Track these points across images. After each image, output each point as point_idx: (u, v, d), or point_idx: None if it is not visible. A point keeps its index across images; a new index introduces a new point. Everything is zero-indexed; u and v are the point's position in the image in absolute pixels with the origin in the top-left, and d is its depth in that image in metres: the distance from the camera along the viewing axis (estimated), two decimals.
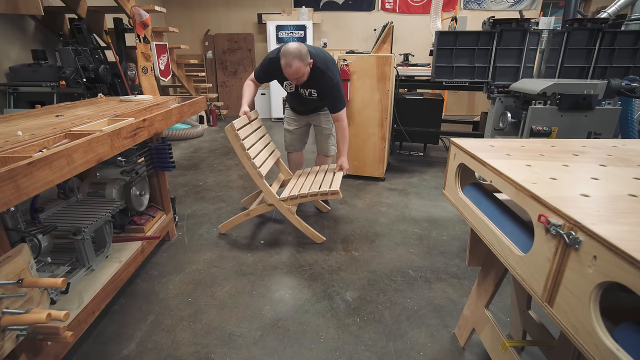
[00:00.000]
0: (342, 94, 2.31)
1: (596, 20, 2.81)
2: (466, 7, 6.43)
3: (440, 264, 2.06)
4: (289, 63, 2.05)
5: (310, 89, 2.30)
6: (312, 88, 2.29)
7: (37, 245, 1.34)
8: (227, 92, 6.85)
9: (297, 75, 2.10)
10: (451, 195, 1.26)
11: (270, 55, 2.27)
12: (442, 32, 3.07)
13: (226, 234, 2.38)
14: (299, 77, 2.12)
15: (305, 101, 2.45)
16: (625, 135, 2.82)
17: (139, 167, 1.97)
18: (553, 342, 1.18)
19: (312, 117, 2.59)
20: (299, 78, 2.13)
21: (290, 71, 2.08)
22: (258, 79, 2.37)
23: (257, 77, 2.37)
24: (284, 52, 2.06)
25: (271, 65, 2.25)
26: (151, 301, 1.75)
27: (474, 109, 6.82)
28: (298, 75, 2.10)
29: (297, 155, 2.76)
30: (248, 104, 2.32)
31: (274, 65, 2.21)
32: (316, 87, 2.27)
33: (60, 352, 1.27)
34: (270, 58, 2.26)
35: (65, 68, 3.25)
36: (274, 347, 1.47)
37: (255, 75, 2.37)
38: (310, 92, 2.32)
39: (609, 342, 0.59)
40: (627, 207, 0.71)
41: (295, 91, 2.37)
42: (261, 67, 2.33)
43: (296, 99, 2.48)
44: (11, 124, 1.52)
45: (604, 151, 1.11)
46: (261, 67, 2.33)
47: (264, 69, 2.32)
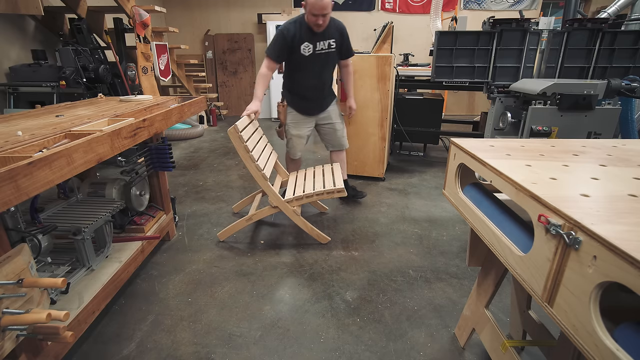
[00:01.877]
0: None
1: (596, 20, 2.81)
2: (466, 7, 6.43)
3: (440, 264, 2.06)
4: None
5: (329, 39, 2.34)
6: (330, 38, 2.34)
7: (37, 245, 1.34)
8: (227, 92, 6.85)
9: (327, 10, 2.14)
10: (451, 195, 1.26)
11: (280, 29, 2.26)
12: (442, 32, 3.07)
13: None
14: (326, 14, 2.17)
15: (321, 73, 2.44)
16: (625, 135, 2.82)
17: (139, 167, 1.97)
18: (553, 342, 1.18)
19: (322, 115, 2.58)
20: (325, 17, 2.17)
21: (323, 4, 2.11)
22: (276, 59, 2.31)
23: (275, 58, 2.30)
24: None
25: (287, 34, 2.23)
26: (151, 301, 1.75)
27: (474, 109, 6.82)
28: (328, 10, 2.15)
29: (299, 160, 2.76)
30: (260, 100, 2.32)
31: (289, 33, 2.22)
32: (334, 34, 2.35)
33: (60, 352, 1.27)
34: (281, 30, 2.25)
35: (65, 68, 3.25)
36: (274, 347, 1.47)
37: (272, 57, 2.30)
38: (329, 43, 2.35)
39: (609, 342, 0.59)
40: (627, 207, 0.71)
41: (313, 53, 2.34)
42: (274, 44, 2.29)
43: (310, 78, 2.44)
44: (11, 124, 1.52)
45: (604, 151, 1.11)
46: (274, 44, 2.29)
47: (279, 44, 2.27)
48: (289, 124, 2.56)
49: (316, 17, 2.17)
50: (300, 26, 2.26)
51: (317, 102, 2.55)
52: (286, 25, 2.25)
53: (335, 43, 2.38)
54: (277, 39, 2.27)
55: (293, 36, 2.24)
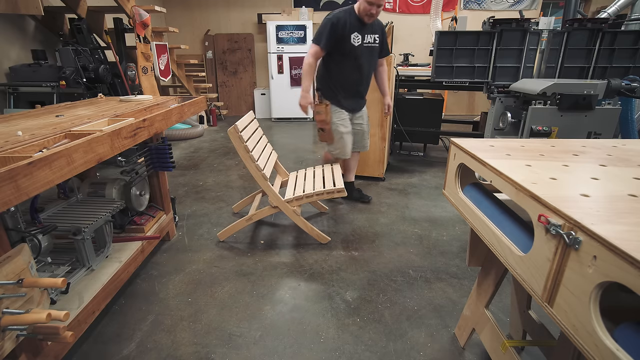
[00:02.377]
0: None
1: (596, 20, 2.81)
2: (466, 7, 6.43)
3: (440, 264, 2.06)
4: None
5: (374, 34, 2.37)
6: (375, 33, 2.37)
7: (37, 245, 1.34)
8: (227, 92, 6.85)
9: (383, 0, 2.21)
10: (451, 195, 1.26)
11: (328, 17, 2.23)
12: (442, 32, 3.07)
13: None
14: (381, 4, 2.21)
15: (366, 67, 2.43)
16: (625, 135, 2.82)
17: (139, 167, 1.97)
18: (553, 342, 1.18)
19: (358, 114, 2.61)
20: (379, 8, 2.21)
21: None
22: (325, 46, 2.24)
23: (323, 45, 2.23)
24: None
25: (337, 22, 2.20)
26: (151, 301, 1.75)
27: (474, 109, 6.82)
28: (383, 1, 2.22)
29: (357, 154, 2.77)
30: (309, 91, 2.28)
31: (339, 21, 2.20)
32: (377, 30, 2.39)
33: (60, 352, 1.27)
34: (330, 18, 2.22)
35: (65, 68, 3.25)
36: (274, 347, 1.47)
37: (320, 44, 2.23)
38: (374, 38, 2.39)
39: (609, 342, 0.59)
40: (627, 207, 0.71)
41: (361, 44, 2.33)
42: (324, 30, 2.23)
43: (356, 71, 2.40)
44: (11, 124, 1.52)
45: (604, 151, 1.11)
46: (324, 30, 2.23)
47: (329, 30, 2.21)
48: (336, 123, 2.46)
49: (371, 6, 2.18)
50: (350, 15, 2.25)
51: (358, 99, 2.57)
52: (335, 14, 2.23)
53: (378, 39, 2.41)
54: (327, 26, 2.22)
55: (344, 24, 2.21)
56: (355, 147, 2.69)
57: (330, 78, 2.44)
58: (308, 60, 2.26)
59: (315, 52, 2.25)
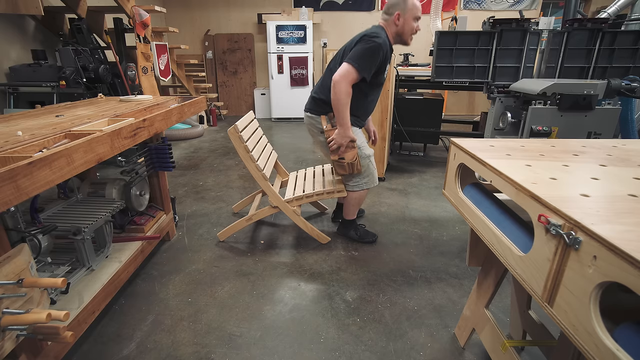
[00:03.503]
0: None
1: (596, 20, 2.81)
2: (466, 7, 6.43)
3: (440, 264, 2.06)
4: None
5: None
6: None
7: (37, 245, 1.34)
8: (227, 92, 6.85)
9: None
10: (451, 195, 1.26)
11: (375, 37, 1.82)
12: (442, 32, 3.07)
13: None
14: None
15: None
16: (625, 135, 2.82)
17: (139, 167, 1.97)
18: (553, 342, 1.18)
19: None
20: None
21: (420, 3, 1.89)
22: (368, 76, 1.85)
23: (367, 74, 1.84)
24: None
25: (386, 49, 1.85)
26: (151, 301, 1.75)
27: (474, 109, 6.82)
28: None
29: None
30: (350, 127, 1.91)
31: (386, 47, 1.86)
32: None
33: (60, 352, 1.27)
34: (380, 44, 1.81)
35: (65, 68, 3.25)
36: (274, 347, 1.47)
37: (364, 74, 1.83)
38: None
39: (609, 342, 0.59)
40: (627, 207, 0.71)
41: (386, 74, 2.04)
42: (372, 58, 1.82)
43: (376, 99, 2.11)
44: (11, 124, 1.52)
45: (604, 151, 1.11)
46: (372, 58, 1.82)
47: (377, 59, 1.83)
48: (361, 145, 2.04)
49: (417, 22, 1.91)
50: (388, 42, 1.91)
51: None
52: (381, 37, 1.84)
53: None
54: (375, 53, 1.82)
55: (387, 53, 1.87)
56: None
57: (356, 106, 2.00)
58: (346, 88, 1.81)
59: (354, 79, 1.83)
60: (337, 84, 1.81)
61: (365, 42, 1.83)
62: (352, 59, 1.82)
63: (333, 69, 1.96)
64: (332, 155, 1.99)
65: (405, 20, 1.89)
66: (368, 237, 2.28)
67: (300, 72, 6.02)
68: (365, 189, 2.13)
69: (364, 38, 1.85)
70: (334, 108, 1.88)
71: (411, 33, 1.95)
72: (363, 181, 2.11)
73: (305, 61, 5.96)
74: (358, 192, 2.13)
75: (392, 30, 1.94)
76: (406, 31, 1.93)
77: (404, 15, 1.88)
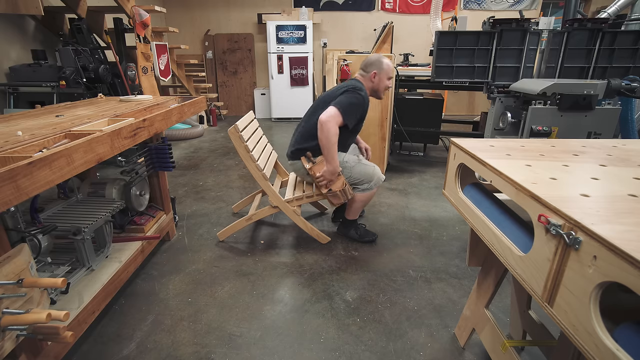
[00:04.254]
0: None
1: (596, 20, 2.81)
2: (466, 7, 6.43)
3: (440, 264, 2.06)
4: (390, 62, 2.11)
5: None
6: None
7: (37, 245, 1.34)
8: (227, 92, 6.85)
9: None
10: (451, 195, 1.26)
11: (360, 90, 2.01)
12: (442, 32, 3.07)
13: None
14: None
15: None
16: (625, 135, 2.82)
17: (139, 167, 1.97)
18: (553, 342, 1.18)
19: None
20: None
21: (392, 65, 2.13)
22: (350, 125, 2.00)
23: (350, 123, 1.99)
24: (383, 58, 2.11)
25: (366, 101, 2.07)
26: (151, 301, 1.75)
27: (474, 109, 6.82)
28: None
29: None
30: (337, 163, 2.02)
31: (367, 101, 2.08)
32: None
33: (60, 352, 1.27)
34: (363, 96, 2.01)
35: (65, 68, 3.25)
36: (274, 347, 1.47)
37: (346, 121, 1.96)
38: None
39: (609, 342, 0.59)
40: (627, 207, 0.71)
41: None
42: (355, 108, 2.00)
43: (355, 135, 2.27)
44: (11, 124, 1.52)
45: (604, 151, 1.11)
46: (355, 108, 2.00)
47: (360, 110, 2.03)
48: (348, 160, 2.12)
49: (390, 81, 2.12)
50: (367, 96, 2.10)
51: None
52: (364, 91, 2.05)
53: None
54: (359, 105, 2.00)
55: (367, 106, 2.07)
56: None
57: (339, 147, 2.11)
58: (334, 129, 1.93)
59: (339, 123, 1.95)
60: (326, 123, 1.91)
61: (352, 94, 1.99)
62: (339, 104, 1.95)
63: (310, 117, 2.11)
64: (322, 189, 2.07)
65: (380, 78, 2.10)
66: (368, 237, 2.29)
67: (300, 72, 6.02)
68: (373, 190, 2.15)
69: (350, 90, 2.01)
70: (323, 147, 1.97)
71: (385, 89, 2.15)
72: (367, 185, 2.12)
73: (305, 61, 5.96)
74: (365, 194, 2.15)
75: (368, 85, 2.13)
76: (380, 88, 2.14)
77: (379, 74, 2.09)
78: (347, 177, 2.10)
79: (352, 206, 2.22)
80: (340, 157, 2.10)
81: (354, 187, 2.15)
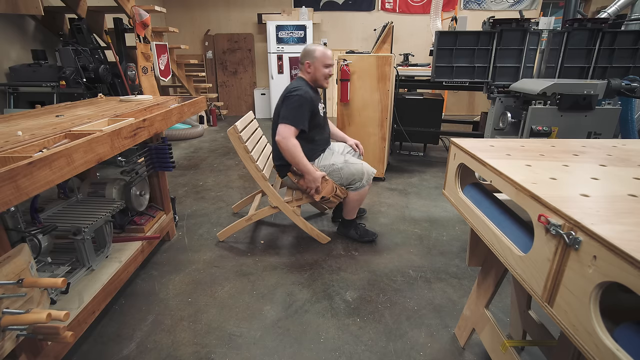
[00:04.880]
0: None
1: (596, 20, 2.81)
2: (466, 7, 6.43)
3: (440, 264, 2.06)
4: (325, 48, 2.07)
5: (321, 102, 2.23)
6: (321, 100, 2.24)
7: (37, 245, 1.34)
8: (227, 92, 6.85)
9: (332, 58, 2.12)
10: (451, 195, 1.26)
11: (294, 91, 1.99)
12: (442, 32, 3.07)
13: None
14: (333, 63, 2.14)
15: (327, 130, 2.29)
16: (625, 135, 2.82)
17: (139, 167, 1.97)
18: (553, 342, 1.18)
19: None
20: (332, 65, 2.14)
21: (329, 52, 2.08)
22: (304, 126, 2.00)
23: (303, 125, 1.99)
24: (316, 46, 2.09)
25: (308, 96, 2.00)
26: (151, 301, 1.75)
27: (474, 109, 6.82)
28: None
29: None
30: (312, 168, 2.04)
31: (308, 94, 2.00)
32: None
33: (60, 352, 1.27)
34: (300, 94, 1.97)
35: (65, 68, 3.25)
36: (274, 347, 1.47)
37: (299, 126, 1.98)
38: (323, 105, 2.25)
39: (609, 342, 0.59)
40: (627, 207, 0.71)
41: (325, 111, 2.22)
42: (299, 110, 1.97)
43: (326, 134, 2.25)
44: (11, 124, 1.52)
45: (604, 151, 1.11)
46: (299, 110, 1.97)
47: (305, 108, 1.99)
48: (335, 163, 2.13)
49: (329, 68, 2.09)
50: (309, 87, 2.08)
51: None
52: (301, 89, 2.00)
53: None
54: (301, 104, 1.97)
55: (312, 97, 2.02)
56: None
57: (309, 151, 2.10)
58: (292, 143, 1.96)
59: (293, 133, 1.98)
60: (282, 142, 1.98)
61: (288, 100, 2.01)
62: (284, 118, 2.00)
63: (274, 134, 2.10)
64: (315, 197, 2.10)
65: (316, 67, 2.08)
66: (368, 236, 2.29)
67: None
68: (365, 187, 2.15)
69: (287, 96, 2.03)
70: (292, 163, 2.05)
71: (324, 78, 2.11)
72: (358, 184, 2.13)
73: None
74: (358, 192, 2.15)
75: (307, 77, 2.14)
76: (318, 77, 2.10)
77: (313, 63, 2.08)
78: (337, 179, 2.13)
79: (348, 206, 2.23)
80: (328, 162, 2.15)
81: (347, 187, 2.16)
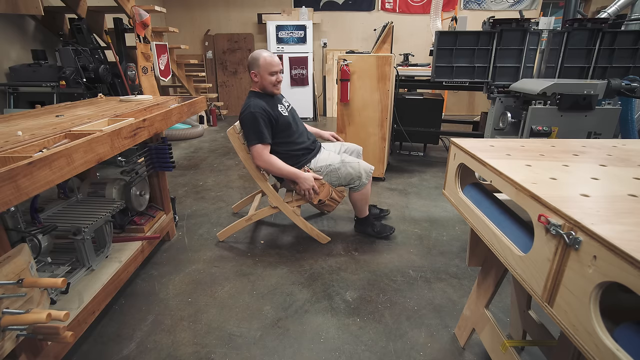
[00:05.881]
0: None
1: (596, 20, 2.81)
2: (466, 7, 6.43)
3: (440, 264, 2.06)
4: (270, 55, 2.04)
5: (285, 102, 2.21)
6: (283, 100, 2.21)
7: (37, 245, 1.34)
8: (227, 92, 6.85)
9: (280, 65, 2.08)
10: (451, 195, 1.26)
11: (244, 112, 2.00)
12: (442, 32, 3.07)
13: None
14: (282, 69, 2.11)
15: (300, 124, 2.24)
16: (625, 135, 2.82)
17: (139, 167, 1.97)
18: (553, 342, 1.18)
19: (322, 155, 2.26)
20: (281, 70, 2.11)
21: (276, 59, 2.05)
22: (269, 138, 2.02)
23: (267, 139, 2.01)
24: (261, 53, 2.03)
25: (259, 108, 1.98)
26: (151, 301, 1.75)
27: (474, 109, 6.82)
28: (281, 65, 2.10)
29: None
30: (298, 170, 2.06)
31: (257, 106, 1.98)
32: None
33: (60, 352, 1.27)
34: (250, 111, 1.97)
35: (65, 68, 3.25)
36: (274, 347, 1.47)
37: (264, 141, 1.99)
38: (287, 103, 2.24)
39: (609, 342, 0.59)
40: (627, 207, 0.71)
41: (290, 109, 2.20)
42: (256, 126, 1.97)
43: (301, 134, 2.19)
44: (11, 124, 1.52)
45: (604, 151, 1.11)
46: (256, 126, 1.97)
47: (261, 122, 1.97)
48: (332, 163, 2.13)
49: (274, 75, 2.04)
50: (260, 97, 2.07)
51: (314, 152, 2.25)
52: (249, 105, 2.00)
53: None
54: (254, 119, 1.97)
55: (264, 106, 2.00)
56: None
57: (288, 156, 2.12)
58: (267, 159, 2.00)
59: (264, 149, 2.01)
60: (258, 163, 2.04)
61: (243, 122, 2.03)
62: (248, 140, 2.03)
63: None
64: (313, 201, 2.10)
65: (261, 76, 2.05)
66: (386, 231, 2.32)
67: (300, 72, 6.02)
68: (366, 185, 2.15)
69: (240, 120, 2.06)
70: (278, 175, 2.12)
71: (272, 85, 2.08)
72: (358, 182, 2.14)
73: (305, 61, 5.96)
74: (360, 192, 2.17)
75: (256, 86, 2.12)
76: (266, 85, 2.07)
77: (259, 72, 2.05)
78: (336, 180, 2.15)
79: (356, 206, 2.26)
80: (325, 162, 2.16)
81: (348, 186, 2.17)
